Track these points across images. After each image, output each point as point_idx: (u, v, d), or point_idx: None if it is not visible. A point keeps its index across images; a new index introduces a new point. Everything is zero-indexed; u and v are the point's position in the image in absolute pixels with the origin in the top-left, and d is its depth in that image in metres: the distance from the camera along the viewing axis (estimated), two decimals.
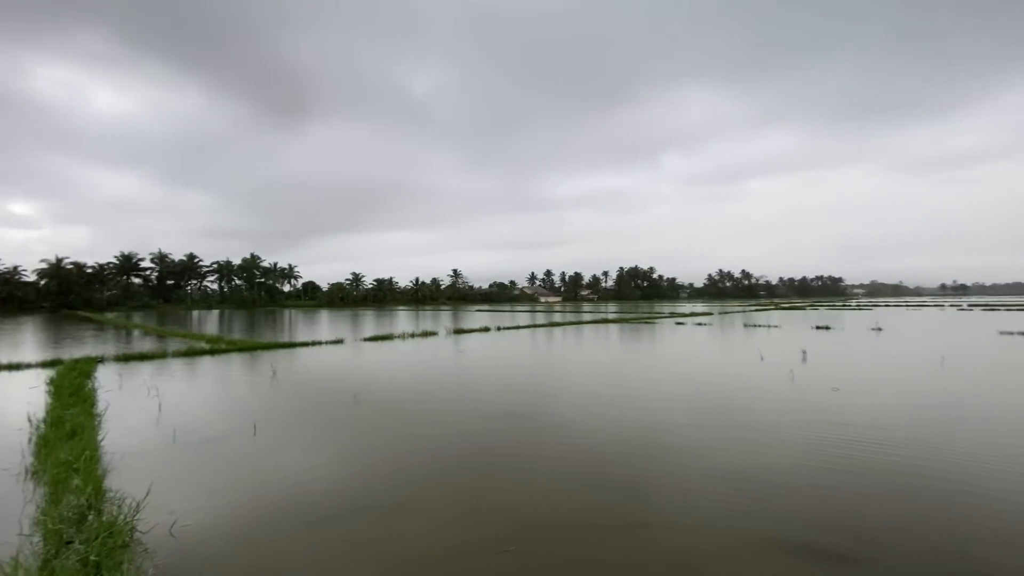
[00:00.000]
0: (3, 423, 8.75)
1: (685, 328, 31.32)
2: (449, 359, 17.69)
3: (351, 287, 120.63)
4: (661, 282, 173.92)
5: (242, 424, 8.60)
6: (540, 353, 19.73)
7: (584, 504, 5.37)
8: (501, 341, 23.93)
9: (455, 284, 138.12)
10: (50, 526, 4.33)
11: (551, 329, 31.52)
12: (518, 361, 17.18)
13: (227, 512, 5.22)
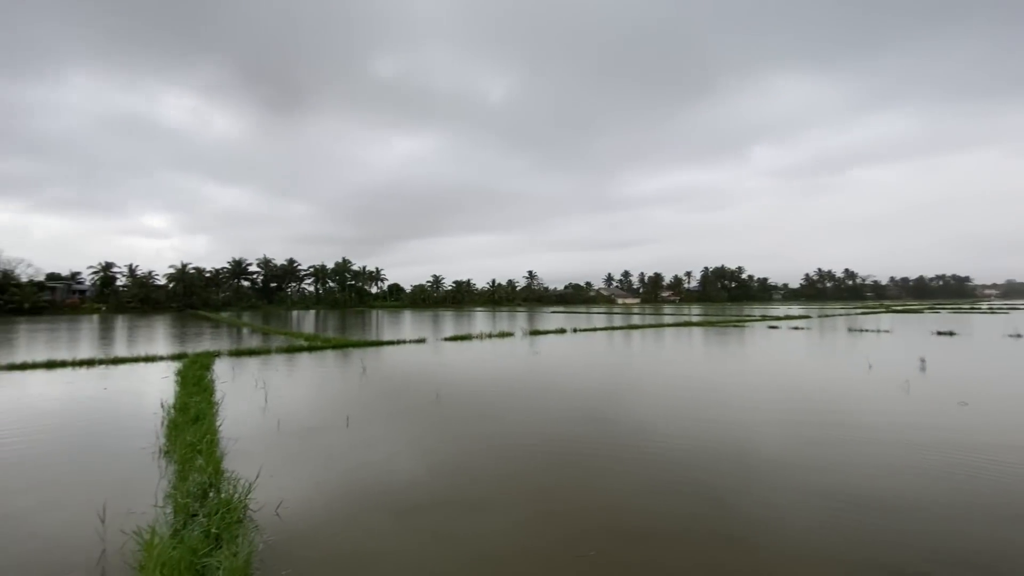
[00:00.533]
0: (142, 408, 10.09)
1: (779, 332, 29.11)
2: (525, 360, 17.81)
3: (432, 289, 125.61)
4: (751, 283, 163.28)
5: (336, 416, 9.24)
6: (618, 356, 19.28)
7: (667, 512, 5.15)
8: (577, 343, 23.69)
9: (530, 286, 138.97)
10: (179, 500, 4.92)
11: (629, 332, 30.68)
12: (595, 363, 16.91)
13: (325, 497, 5.62)
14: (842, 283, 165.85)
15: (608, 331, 30.84)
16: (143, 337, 29.28)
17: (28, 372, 15.17)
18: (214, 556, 3.89)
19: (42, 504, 5.45)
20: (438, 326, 37.96)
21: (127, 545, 4.31)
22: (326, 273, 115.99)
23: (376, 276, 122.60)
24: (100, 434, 8.31)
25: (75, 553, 4.32)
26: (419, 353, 19.74)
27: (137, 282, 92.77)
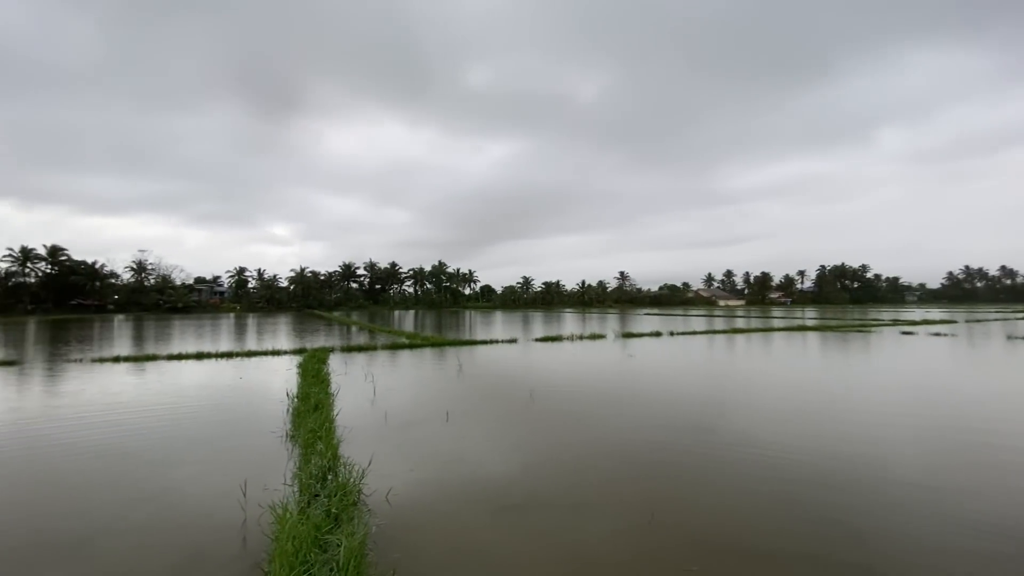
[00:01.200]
0: (270, 396, 11.33)
1: (916, 339, 25.52)
2: (619, 363, 17.36)
3: (522, 290, 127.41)
4: (878, 282, 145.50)
5: (436, 411, 9.67)
6: (720, 362, 18.10)
7: (779, 532, 4.70)
8: (674, 347, 22.63)
9: (622, 287, 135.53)
10: (304, 481, 5.43)
11: (733, 336, 28.70)
12: (695, 369, 16.03)
13: (428, 488, 5.89)
14: (998, 282, 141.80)
15: (709, 335, 29.09)
16: (269, 333, 32.94)
17: (183, 361, 17.74)
18: (334, 534, 4.23)
19: (193, 476, 6.31)
20: (528, 327, 38.35)
21: (263, 517, 4.84)
22: (424, 275, 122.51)
23: (469, 278, 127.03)
24: (237, 418, 9.45)
25: (222, 520, 4.95)
26: (511, 353, 20.06)
27: (264, 284, 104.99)
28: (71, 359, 18.30)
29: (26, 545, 4.54)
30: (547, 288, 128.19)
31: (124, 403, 10.71)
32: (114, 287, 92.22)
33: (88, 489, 5.91)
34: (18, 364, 17.03)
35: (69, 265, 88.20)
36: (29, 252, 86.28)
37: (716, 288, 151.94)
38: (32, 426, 8.86)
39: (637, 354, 19.53)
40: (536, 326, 39.42)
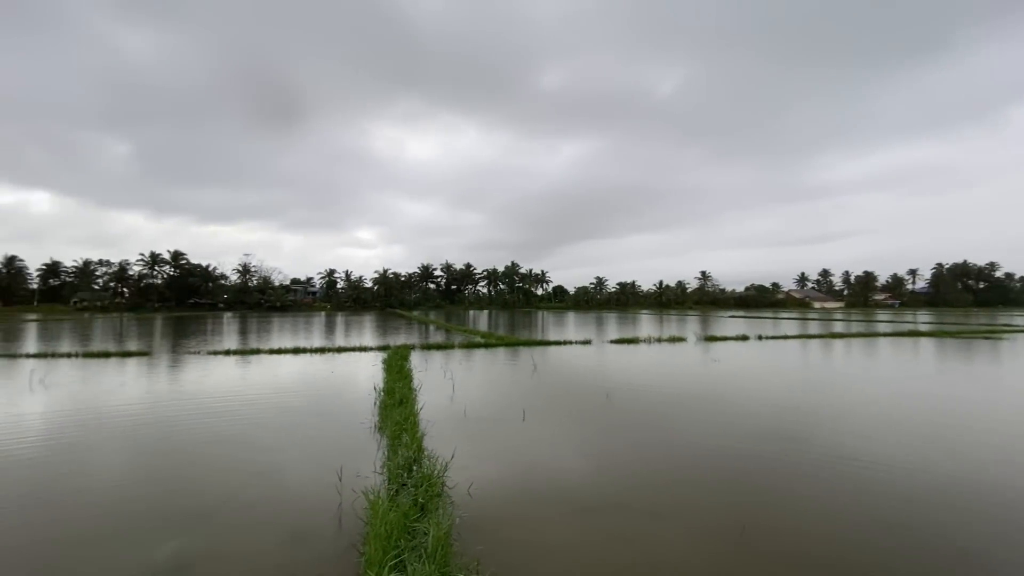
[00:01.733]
0: (359, 389, 12.05)
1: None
2: (700, 368, 16.56)
3: (595, 291, 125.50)
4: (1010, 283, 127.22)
5: (513, 410, 9.78)
6: (815, 368, 16.70)
7: (891, 555, 4.23)
8: (762, 352, 21.19)
9: (703, 287, 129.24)
10: (392, 470, 5.72)
11: (830, 341, 26.37)
12: (786, 376, 14.91)
13: (507, 485, 5.97)
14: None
15: (802, 339, 26.96)
16: (355, 330, 35.07)
17: (282, 356, 19.37)
18: (421, 522, 4.41)
19: (293, 461, 6.86)
20: (602, 328, 37.68)
21: (357, 501, 5.17)
22: (497, 276, 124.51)
23: (541, 278, 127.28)
24: (330, 409, 10.15)
25: (321, 502, 5.33)
26: (585, 354, 19.82)
27: (351, 285, 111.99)
28: (191, 351, 20.65)
29: (157, 516, 5.17)
30: (622, 289, 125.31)
31: (233, 391, 11.89)
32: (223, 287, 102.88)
33: (205, 468, 6.62)
34: (149, 355, 19.49)
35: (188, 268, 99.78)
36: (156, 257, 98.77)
37: (810, 289, 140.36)
38: (160, 410, 10.08)
39: (721, 359, 18.51)
40: (610, 327, 38.65)
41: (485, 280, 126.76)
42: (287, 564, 4.17)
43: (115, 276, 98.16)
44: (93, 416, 9.44)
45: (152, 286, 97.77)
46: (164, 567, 4.10)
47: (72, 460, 6.95)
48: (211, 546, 4.46)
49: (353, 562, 4.17)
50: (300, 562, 4.20)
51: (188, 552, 4.34)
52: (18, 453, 7.20)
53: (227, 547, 4.46)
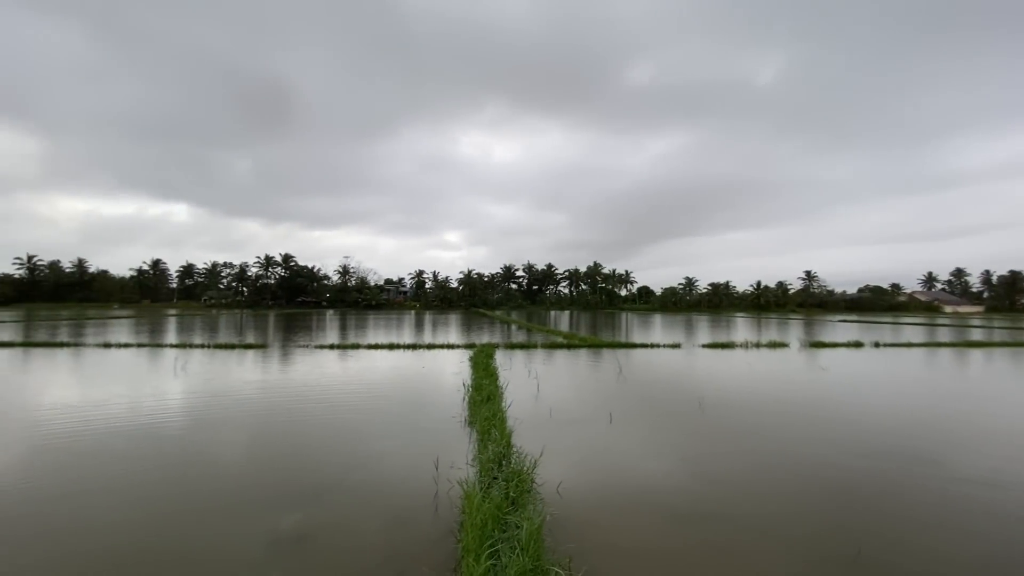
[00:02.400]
0: (448, 384, 12.57)
1: None
2: (806, 376, 15.24)
3: (684, 291, 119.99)
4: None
5: (599, 412, 9.68)
6: (946, 382, 14.70)
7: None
8: (880, 361, 19.03)
9: (808, 288, 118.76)
10: (484, 464, 5.92)
11: (966, 351, 23.06)
12: (908, 389, 13.28)
13: (596, 486, 5.94)
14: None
15: (929, 347, 23.85)
16: (442, 328, 36.56)
17: (378, 350, 20.71)
18: (513, 515, 4.53)
19: (393, 449, 7.33)
20: (692, 331, 35.96)
21: (452, 491, 5.44)
22: (579, 276, 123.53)
23: (625, 279, 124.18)
24: (424, 402, 10.69)
25: (418, 489, 5.66)
26: (674, 358, 19.05)
27: (438, 285, 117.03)
28: (300, 345, 22.76)
29: (279, 491, 5.78)
30: (714, 289, 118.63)
31: (337, 382, 12.93)
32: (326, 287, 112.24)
33: (316, 451, 7.28)
34: (265, 347, 21.77)
35: (296, 270, 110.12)
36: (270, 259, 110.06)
37: (940, 291, 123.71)
38: (276, 397, 11.23)
39: (830, 367, 16.91)
40: (702, 330, 36.78)
41: (567, 280, 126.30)
42: (391, 543, 4.49)
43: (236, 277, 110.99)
44: (222, 400, 10.75)
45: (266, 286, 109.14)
46: (288, 536, 4.59)
47: (206, 437, 7.98)
48: (325, 521, 4.91)
49: (450, 548, 4.38)
50: (402, 542, 4.50)
51: (306, 525, 4.82)
52: (165, 429, 8.41)
53: (339, 523, 4.88)
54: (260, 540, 4.52)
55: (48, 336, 25.86)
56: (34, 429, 8.23)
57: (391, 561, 4.21)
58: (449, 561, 4.20)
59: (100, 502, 5.36)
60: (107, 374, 14.25)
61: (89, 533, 4.66)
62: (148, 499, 5.46)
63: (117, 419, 8.89)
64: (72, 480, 5.97)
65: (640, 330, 37.00)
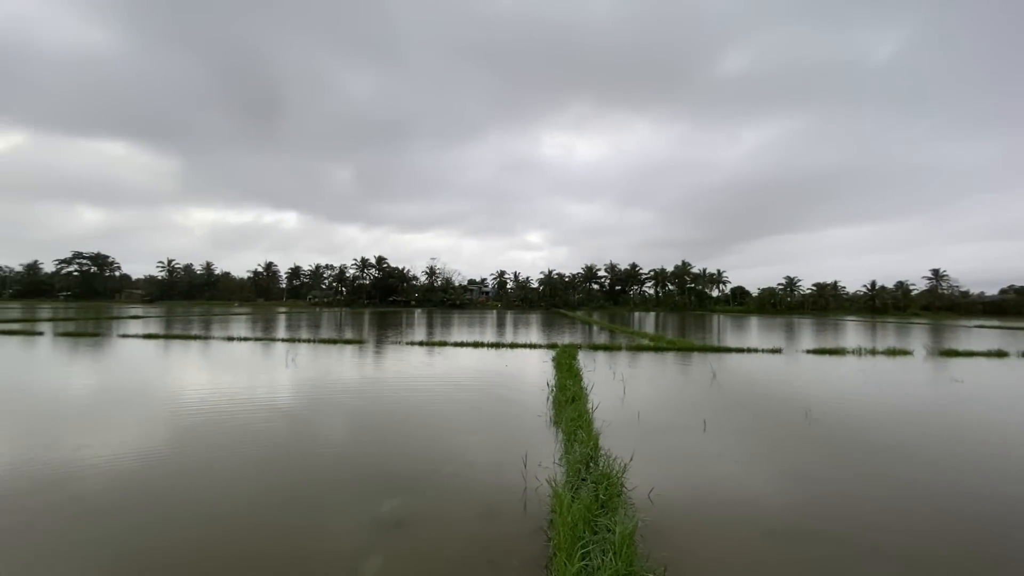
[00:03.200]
0: (533, 383, 12.66)
1: None
2: (934, 389, 13.44)
3: (784, 292, 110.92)
4: None
5: (691, 418, 9.24)
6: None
7: None
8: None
9: (935, 289, 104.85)
10: (571, 464, 5.88)
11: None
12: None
13: (690, 495, 5.67)
14: None
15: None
16: (523, 328, 36.90)
17: (463, 348, 21.38)
18: (604, 518, 4.45)
19: (481, 443, 7.52)
20: (794, 335, 33.14)
21: (540, 488, 5.47)
22: (665, 276, 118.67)
23: (717, 279, 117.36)
24: (508, 400, 10.85)
25: (507, 485, 5.76)
26: (774, 365, 17.66)
27: (519, 286, 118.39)
28: (392, 341, 24.13)
29: (378, 477, 6.16)
30: (819, 290, 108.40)
31: (427, 377, 13.53)
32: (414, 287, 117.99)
33: (411, 441, 7.65)
34: (362, 343, 23.33)
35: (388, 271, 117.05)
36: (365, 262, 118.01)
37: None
38: (373, 388, 11.98)
39: (965, 379, 14.76)
40: (805, 335, 33.78)
41: (652, 281, 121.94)
42: (483, 535, 4.61)
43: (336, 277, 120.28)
44: (326, 390, 11.68)
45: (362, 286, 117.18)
46: (388, 520, 4.88)
47: (314, 423, 8.71)
48: (421, 509, 5.16)
49: (540, 544, 4.41)
50: (493, 534, 4.61)
51: (404, 511, 5.09)
52: (280, 414, 9.30)
53: (433, 511, 5.11)
54: (365, 522, 4.85)
55: (183, 330, 29.72)
56: (179, 410, 9.49)
57: (484, 551, 4.33)
58: (539, 558, 4.22)
59: (232, 476, 6.06)
60: (232, 364, 16.08)
61: (224, 503, 5.29)
62: (269, 476, 6.07)
63: (241, 403, 9.99)
64: (209, 455, 6.80)
65: (734, 333, 34.77)
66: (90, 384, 12.21)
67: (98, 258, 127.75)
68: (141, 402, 10.16)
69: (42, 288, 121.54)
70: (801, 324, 51.12)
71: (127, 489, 5.59)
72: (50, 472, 6.04)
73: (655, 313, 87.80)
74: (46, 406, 9.63)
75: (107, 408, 9.64)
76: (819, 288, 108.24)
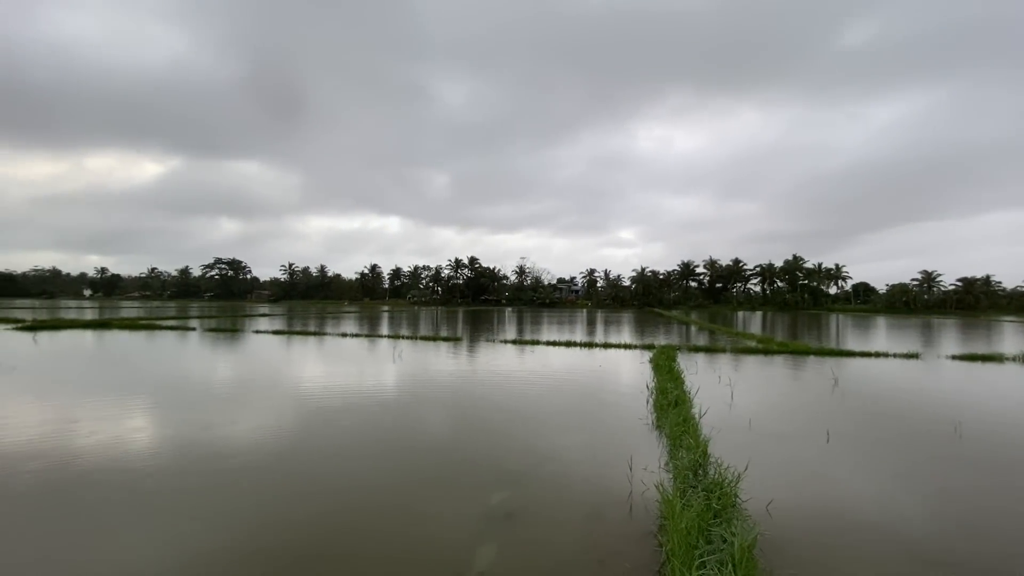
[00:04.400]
0: (630, 385, 12.37)
1: None
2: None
3: (919, 289, 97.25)
4: None
5: (811, 428, 8.49)
6: None
7: None
8: None
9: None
10: (679, 470, 5.69)
11: None
12: None
13: (814, 512, 5.24)
14: None
15: None
16: (615, 328, 36.08)
17: (555, 347, 21.43)
18: (718, 528, 4.26)
19: (582, 444, 7.52)
20: (934, 338, 28.96)
21: (646, 494, 5.36)
22: (773, 272, 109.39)
23: (836, 274, 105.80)
24: (605, 401, 10.72)
25: (613, 487, 5.72)
26: (910, 372, 15.58)
27: (610, 284, 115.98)
28: (486, 339, 24.88)
29: (483, 470, 6.41)
30: (966, 286, 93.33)
31: (522, 374, 13.77)
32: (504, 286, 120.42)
33: (509, 438, 7.86)
34: (458, 340, 24.32)
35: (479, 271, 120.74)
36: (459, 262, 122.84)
37: None
38: (472, 383, 12.45)
39: None
40: (948, 338, 29.40)
41: (757, 277, 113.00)
42: (589, 534, 4.64)
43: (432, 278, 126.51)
44: (430, 383, 12.35)
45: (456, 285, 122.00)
46: (497, 512, 5.08)
47: (422, 413, 9.28)
48: (527, 503, 5.30)
49: (650, 549, 4.34)
50: (600, 535, 4.61)
51: (512, 504, 5.27)
52: (392, 404, 10.01)
53: (539, 507, 5.22)
54: (475, 511, 5.10)
55: (303, 326, 33.02)
56: (306, 398, 10.61)
57: (592, 550, 4.35)
58: (650, 563, 4.15)
59: (354, 459, 6.67)
60: (347, 358, 17.60)
61: (349, 483, 5.84)
62: (385, 461, 6.60)
63: (357, 393, 10.91)
64: (334, 439, 7.53)
65: (858, 335, 31.19)
66: (235, 373, 14.07)
67: (234, 263, 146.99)
68: (276, 389, 11.51)
69: (191, 289, 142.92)
70: (943, 325, 44.42)
71: (269, 463, 6.38)
72: (208, 443, 7.07)
73: (761, 312, 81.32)
74: (203, 389, 11.28)
75: (249, 393, 11.05)
76: (966, 283, 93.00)
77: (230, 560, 4.19)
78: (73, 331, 26.73)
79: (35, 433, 7.63)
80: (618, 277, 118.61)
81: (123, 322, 32.00)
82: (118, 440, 7.33)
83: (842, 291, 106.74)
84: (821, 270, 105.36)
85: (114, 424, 8.22)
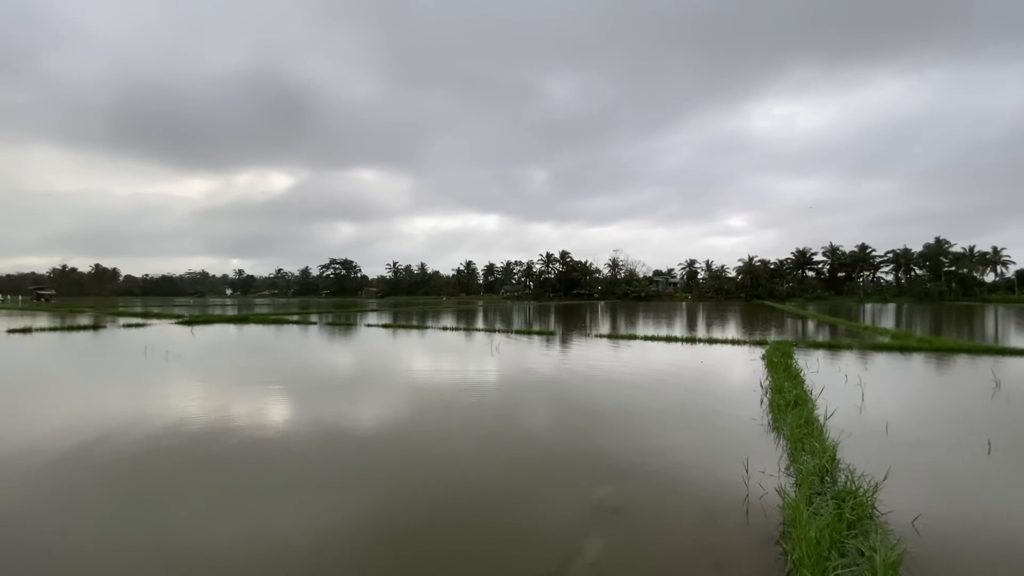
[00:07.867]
0: (739, 383, 11.60)
1: None
2: None
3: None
4: None
5: (966, 436, 7.37)
6: None
7: None
8: None
9: None
10: (803, 475, 5.23)
11: None
12: None
13: (972, 532, 4.57)
14: None
15: None
16: (718, 322, 33.90)
17: (654, 342, 20.68)
18: (854, 540, 3.88)
19: (689, 443, 7.19)
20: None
21: (764, 498, 5.02)
22: (910, 258, 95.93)
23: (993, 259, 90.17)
24: (712, 400, 10.14)
25: (727, 489, 5.42)
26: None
27: (713, 275, 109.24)
28: (580, 334, 24.71)
29: (587, 464, 6.39)
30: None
31: (620, 369, 13.47)
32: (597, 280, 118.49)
33: (612, 432, 7.76)
34: (551, 335, 24.42)
35: (571, 265, 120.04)
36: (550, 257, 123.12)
37: None
38: (570, 378, 12.45)
39: None
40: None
41: (890, 264, 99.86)
42: (703, 536, 4.45)
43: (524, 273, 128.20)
44: (530, 377, 12.57)
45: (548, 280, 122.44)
46: (603, 507, 5.06)
47: (525, 404, 9.48)
48: (635, 499, 5.22)
49: (772, 557, 4.06)
50: (715, 537, 4.41)
51: (619, 499, 5.22)
52: (493, 396, 10.35)
53: (648, 504, 5.11)
54: (581, 504, 5.12)
55: (407, 320, 35.20)
56: (416, 387, 11.35)
57: (707, 553, 4.17)
58: (772, 571, 3.89)
59: (464, 448, 7.03)
60: (449, 350, 18.50)
61: (458, 471, 6.16)
62: (492, 452, 6.86)
63: (461, 384, 11.43)
64: (445, 428, 7.98)
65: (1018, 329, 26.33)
66: (353, 362, 15.43)
67: (347, 263, 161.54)
68: (389, 377, 12.46)
69: (311, 287, 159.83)
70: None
71: (387, 442, 6.94)
72: (333, 423, 7.85)
73: (895, 304, 71.59)
74: (328, 376, 12.53)
75: (366, 379, 12.08)
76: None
77: (368, 520, 4.63)
78: (220, 325, 31.00)
79: (194, 410, 9.00)
80: (721, 268, 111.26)
81: (258, 317, 36.50)
82: (262, 417, 8.42)
83: (1002, 279, 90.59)
84: (974, 254, 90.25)
85: (258, 404, 9.44)
